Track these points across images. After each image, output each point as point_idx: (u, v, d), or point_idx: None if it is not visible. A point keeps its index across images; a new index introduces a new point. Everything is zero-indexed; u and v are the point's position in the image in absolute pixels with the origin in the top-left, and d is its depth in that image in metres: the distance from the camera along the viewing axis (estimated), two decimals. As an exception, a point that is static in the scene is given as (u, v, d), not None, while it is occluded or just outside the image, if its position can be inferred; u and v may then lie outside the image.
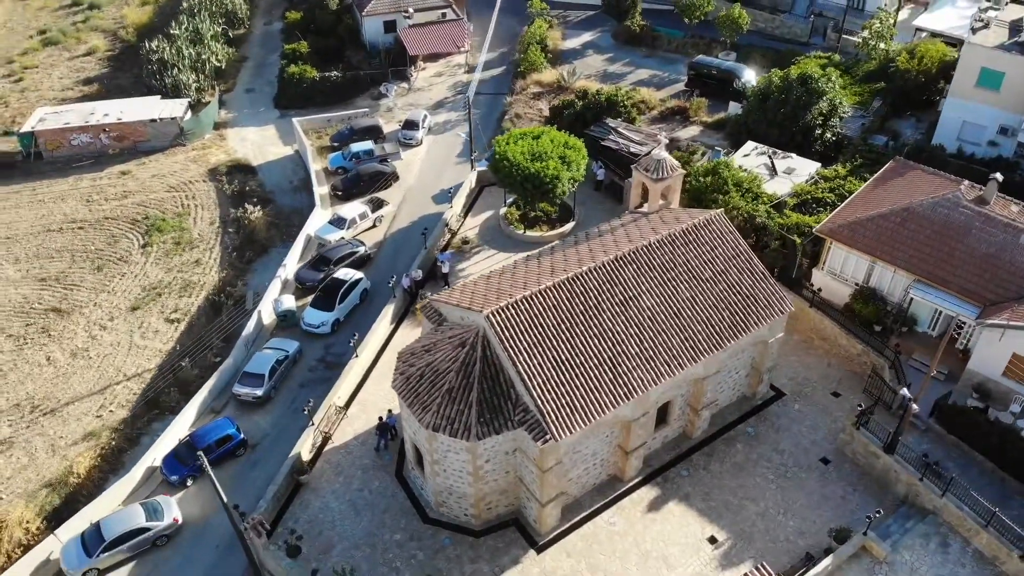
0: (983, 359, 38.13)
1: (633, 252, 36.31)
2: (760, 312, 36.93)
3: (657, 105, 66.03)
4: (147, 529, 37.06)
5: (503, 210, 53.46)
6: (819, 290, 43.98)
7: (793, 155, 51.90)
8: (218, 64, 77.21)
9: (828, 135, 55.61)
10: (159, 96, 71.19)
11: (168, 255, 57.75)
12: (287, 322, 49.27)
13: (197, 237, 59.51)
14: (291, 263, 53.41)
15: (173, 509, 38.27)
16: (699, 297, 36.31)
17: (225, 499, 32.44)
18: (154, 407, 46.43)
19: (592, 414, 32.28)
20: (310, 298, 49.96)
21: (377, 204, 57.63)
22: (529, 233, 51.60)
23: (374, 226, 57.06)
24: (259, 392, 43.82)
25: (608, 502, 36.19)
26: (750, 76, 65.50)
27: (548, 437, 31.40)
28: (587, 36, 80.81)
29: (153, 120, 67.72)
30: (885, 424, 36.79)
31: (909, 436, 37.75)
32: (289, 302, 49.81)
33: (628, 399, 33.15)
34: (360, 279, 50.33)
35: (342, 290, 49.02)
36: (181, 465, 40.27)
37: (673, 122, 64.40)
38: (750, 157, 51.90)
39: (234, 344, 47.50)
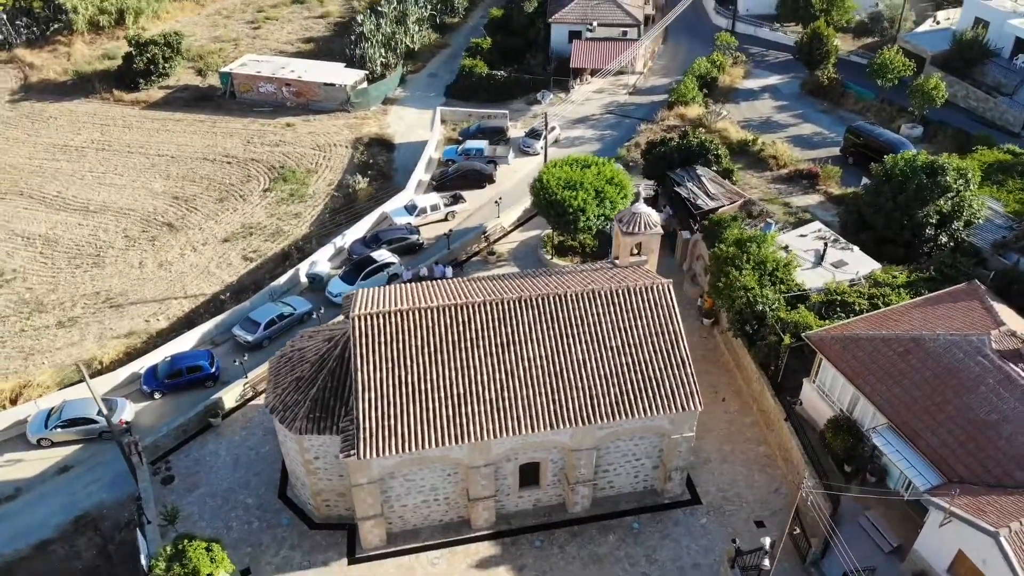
0: (930, 545, 30.68)
1: (540, 298, 34.13)
2: (659, 400, 32.84)
3: (789, 164, 59.74)
4: (95, 421, 42.24)
5: (544, 232, 52.12)
6: (796, 403, 37.84)
7: (854, 248, 44.51)
8: (411, 46, 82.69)
9: (944, 239, 46.75)
10: (344, 64, 78.10)
11: (279, 203, 63.88)
12: (316, 284, 52.56)
13: (311, 194, 65.02)
14: (352, 234, 56.64)
15: (125, 412, 43.10)
16: (592, 363, 33.21)
17: (106, 411, 36.29)
18: (188, 326, 52.13)
19: (409, 444, 31.23)
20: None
21: (454, 199, 58.88)
22: (556, 261, 49.86)
23: (446, 219, 58.33)
24: (249, 338, 47.51)
25: (445, 543, 34.73)
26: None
27: (353, 452, 31.00)
28: (773, 79, 74.84)
29: (327, 84, 74.68)
30: (786, 572, 31.15)
31: (809, 600, 31.65)
32: (323, 267, 53.10)
33: (458, 442, 31.54)
34: (392, 263, 52.07)
35: (368, 268, 51.14)
36: (154, 380, 45.15)
37: (797, 186, 57.98)
38: (806, 239, 45.42)
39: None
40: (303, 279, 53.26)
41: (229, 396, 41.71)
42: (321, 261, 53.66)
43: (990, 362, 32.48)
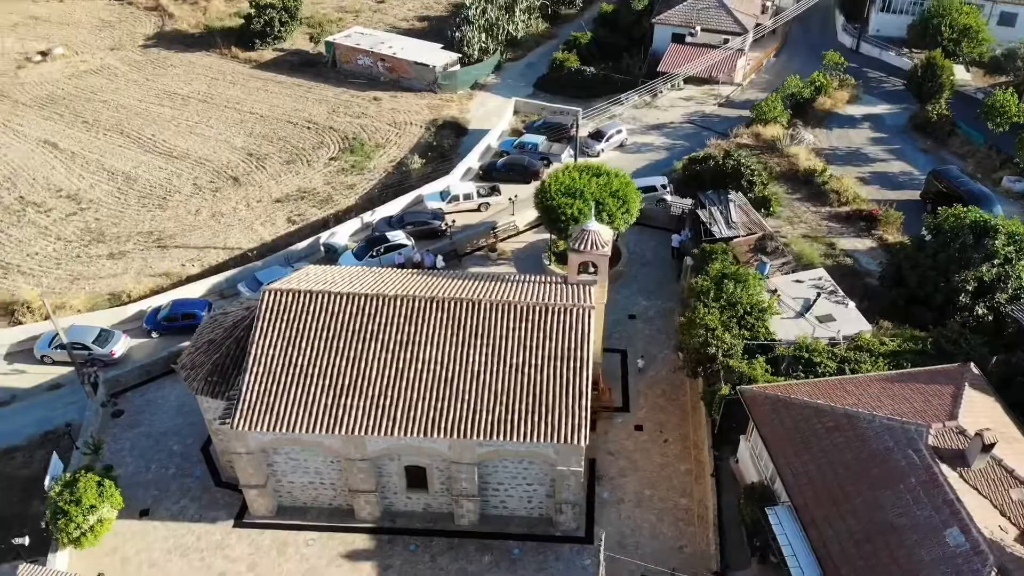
0: (795, 644, 27.34)
1: (452, 301, 33.29)
2: (542, 428, 31.15)
3: (852, 201, 54.39)
4: (88, 348, 45.76)
5: (552, 237, 50.55)
6: (733, 460, 34.67)
7: (849, 304, 39.74)
8: (514, 34, 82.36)
9: (980, 310, 41.04)
10: (441, 46, 79.02)
11: (339, 172, 65.93)
12: (331, 255, 53.96)
13: (371, 168, 66.59)
14: (382, 212, 57.60)
15: (118, 345, 46.31)
16: (487, 376, 32.03)
17: (66, 341, 39.27)
18: (215, 273, 55.08)
19: (283, 425, 31.56)
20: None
21: (490, 191, 58.36)
22: (553, 267, 48.33)
23: (478, 209, 57.86)
24: (250, 295, 49.61)
25: (325, 526, 34.91)
26: (999, 211, 50.43)
27: (228, 421, 31.76)
28: (880, 108, 68.25)
29: (418, 63, 76.02)
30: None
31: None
32: (341, 239, 54.41)
33: (331, 431, 31.51)
34: (405, 245, 52.46)
35: (378, 246, 51.89)
36: (154, 320, 48.26)
37: (852, 226, 52.79)
38: (801, 285, 41.11)
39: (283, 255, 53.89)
40: (322, 248, 54.79)
41: (196, 347, 43.76)
42: (341, 233, 54.98)
43: (920, 458, 28.27)
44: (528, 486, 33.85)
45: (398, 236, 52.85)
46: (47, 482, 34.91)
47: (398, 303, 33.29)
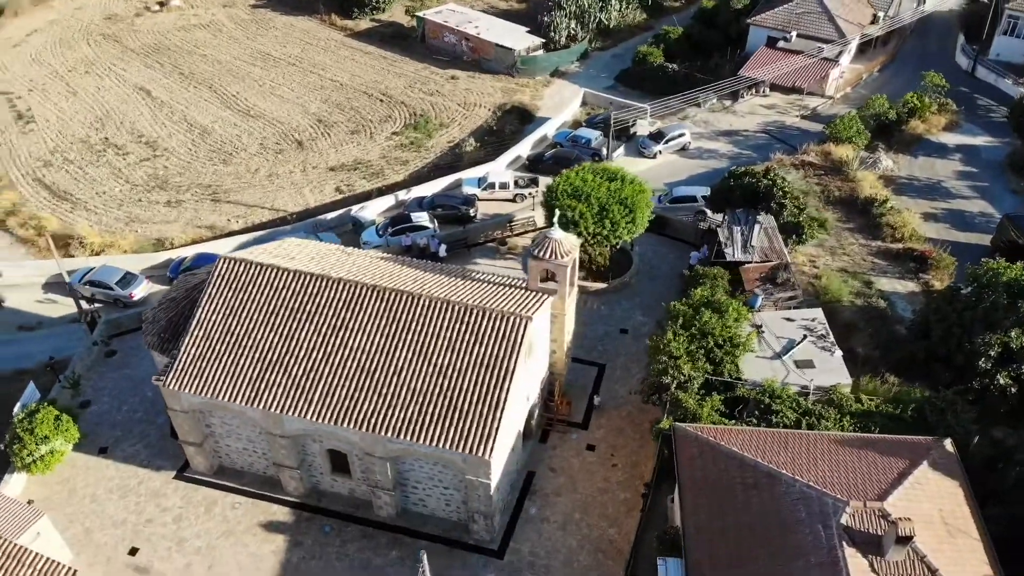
0: None
1: (392, 292, 32.88)
2: (449, 434, 30.36)
3: (909, 238, 49.58)
4: (111, 288, 48.63)
5: (565, 237, 48.94)
6: (670, 498, 32.70)
7: (836, 352, 36.04)
8: (606, 22, 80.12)
9: (1003, 380, 36.52)
10: (527, 29, 77.95)
11: (397, 147, 66.62)
12: (357, 228, 54.74)
13: (429, 146, 66.89)
14: (420, 191, 57.79)
15: (138, 288, 48.99)
16: (409, 373, 31.51)
17: (68, 278, 41.88)
18: (254, 231, 57.11)
19: (208, 390, 32.38)
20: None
21: (529, 182, 57.24)
22: (556, 269, 46.84)
23: (513, 200, 56.93)
24: (268, 259, 51.18)
25: (257, 494, 35.64)
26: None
27: (162, 378, 32.91)
28: (979, 140, 61.74)
29: (500, 45, 75.41)
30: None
31: None
32: (369, 214, 55.06)
33: (251, 404, 32.05)
34: (426, 227, 52.38)
35: (399, 226, 52.15)
36: (177, 270, 50.59)
37: (899, 266, 48.15)
38: (791, 324, 37.68)
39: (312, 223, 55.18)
40: (351, 221, 55.63)
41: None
42: (371, 208, 55.59)
43: (827, 537, 25.51)
44: (444, 489, 33.18)
45: (422, 218, 52.77)
46: (16, 408, 37.47)
47: (339, 286, 33.23)
